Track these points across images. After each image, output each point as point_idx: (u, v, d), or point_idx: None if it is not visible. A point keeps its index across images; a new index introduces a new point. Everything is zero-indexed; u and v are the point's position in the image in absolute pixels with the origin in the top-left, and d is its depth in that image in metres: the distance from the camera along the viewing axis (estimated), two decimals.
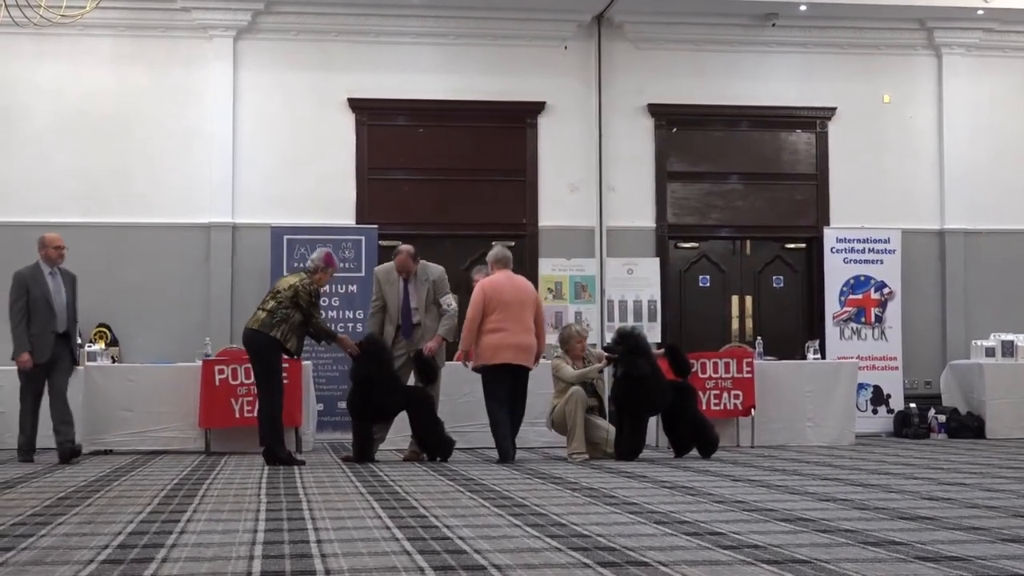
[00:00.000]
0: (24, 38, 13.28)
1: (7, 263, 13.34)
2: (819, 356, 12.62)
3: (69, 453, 10.06)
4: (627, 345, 10.10)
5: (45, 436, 10.32)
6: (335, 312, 13.06)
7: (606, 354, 10.40)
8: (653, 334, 13.53)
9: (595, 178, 14.46)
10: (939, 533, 5.26)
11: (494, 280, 10.10)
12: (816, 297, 14.62)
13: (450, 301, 10.31)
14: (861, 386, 13.45)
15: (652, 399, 10.16)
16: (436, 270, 10.43)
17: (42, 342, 10.24)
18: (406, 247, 10.52)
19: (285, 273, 13.08)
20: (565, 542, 5.03)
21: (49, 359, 10.26)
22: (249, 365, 11.04)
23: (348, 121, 14.18)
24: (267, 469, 9.14)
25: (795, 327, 14.68)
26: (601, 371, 10.52)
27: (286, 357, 11.20)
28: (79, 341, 10.96)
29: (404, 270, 10.34)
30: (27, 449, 10.21)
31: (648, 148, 14.63)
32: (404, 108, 14.32)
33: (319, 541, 5.10)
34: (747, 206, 14.83)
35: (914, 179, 14.96)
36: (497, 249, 10.44)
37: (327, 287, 13.06)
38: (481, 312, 9.93)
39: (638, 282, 14.21)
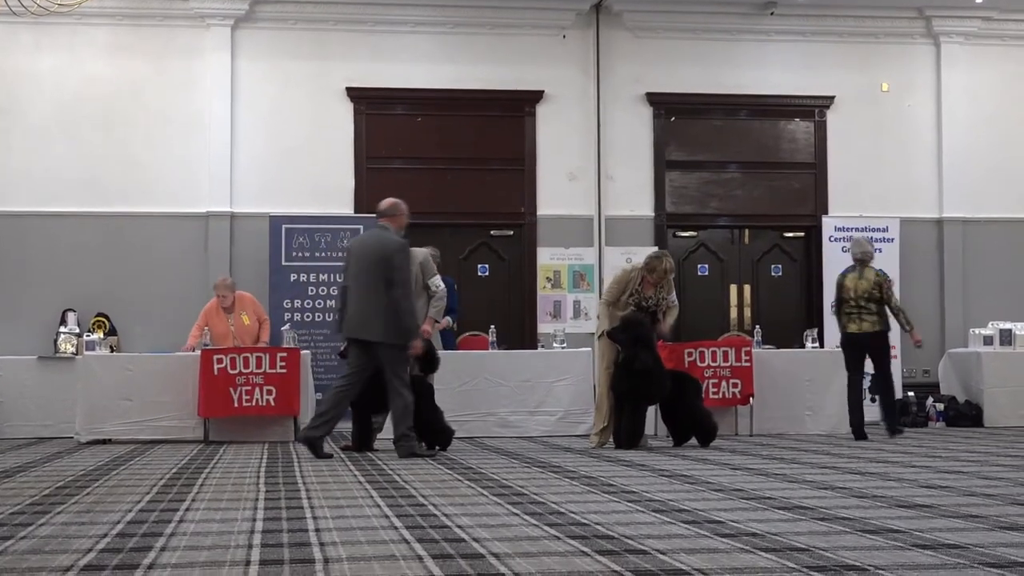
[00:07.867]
0: (23, 28, 13.27)
1: (7, 252, 13.45)
2: (817, 345, 12.61)
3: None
4: (631, 335, 10.01)
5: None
6: (333, 302, 13.00)
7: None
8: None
9: (594, 167, 14.45)
10: (937, 521, 5.27)
11: None
12: (815, 286, 14.61)
13: (438, 283, 10.14)
14: None
15: (653, 391, 10.13)
16: (420, 253, 10.27)
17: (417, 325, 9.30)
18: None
19: (284, 263, 13.16)
20: (563, 530, 5.03)
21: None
22: (248, 355, 11.15)
23: (346, 110, 14.17)
24: (267, 458, 9.13)
25: (794, 316, 14.70)
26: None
27: (287, 347, 11.33)
28: None
29: None
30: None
31: (647, 137, 14.62)
32: (402, 97, 14.31)
33: (318, 530, 5.10)
34: (746, 195, 14.83)
35: (913, 168, 14.95)
36: None
37: (321, 276, 13.15)
38: None
39: None
